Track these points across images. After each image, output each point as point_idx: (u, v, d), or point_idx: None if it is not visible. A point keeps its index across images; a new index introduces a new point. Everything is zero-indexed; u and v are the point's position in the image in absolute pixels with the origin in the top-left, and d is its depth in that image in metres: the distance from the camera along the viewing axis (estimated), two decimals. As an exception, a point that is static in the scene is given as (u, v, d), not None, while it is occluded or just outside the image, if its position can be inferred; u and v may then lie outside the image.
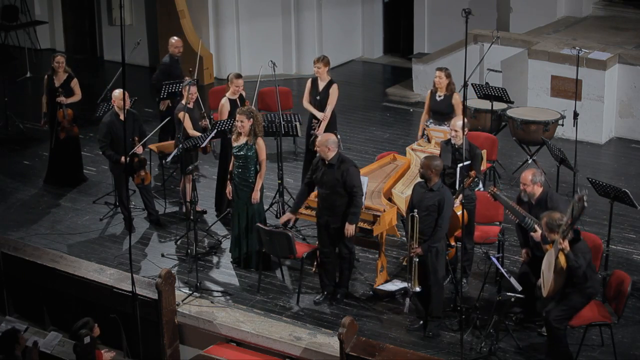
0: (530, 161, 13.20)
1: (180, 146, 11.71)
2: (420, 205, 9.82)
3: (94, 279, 10.78)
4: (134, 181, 12.19)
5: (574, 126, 12.64)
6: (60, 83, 13.27)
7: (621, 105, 14.77)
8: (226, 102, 12.30)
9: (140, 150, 11.99)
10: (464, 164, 10.30)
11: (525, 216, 9.57)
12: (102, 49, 19.34)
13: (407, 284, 10.12)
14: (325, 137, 10.39)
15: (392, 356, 9.14)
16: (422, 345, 9.78)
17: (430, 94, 12.44)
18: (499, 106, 13.57)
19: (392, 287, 10.64)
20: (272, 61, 12.31)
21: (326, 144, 10.28)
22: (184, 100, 12.05)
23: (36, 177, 13.87)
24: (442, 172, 9.97)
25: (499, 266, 9.53)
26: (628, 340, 9.83)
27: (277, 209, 12.19)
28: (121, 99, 11.79)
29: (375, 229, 10.50)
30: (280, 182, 12.18)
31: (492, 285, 10.22)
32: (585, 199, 8.70)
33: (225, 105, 12.27)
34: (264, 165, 11.07)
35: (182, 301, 10.55)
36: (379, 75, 18.37)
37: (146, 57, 18.02)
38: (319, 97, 12.53)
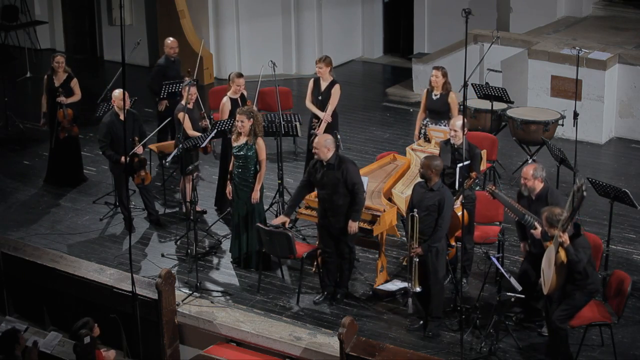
0: (530, 161, 13.20)
1: (180, 146, 11.71)
2: (421, 205, 9.82)
3: (94, 279, 10.78)
4: (134, 181, 12.19)
5: (574, 126, 12.65)
6: (60, 83, 13.26)
7: (621, 105, 14.77)
8: (227, 101, 12.30)
9: (140, 150, 11.99)
10: (463, 164, 10.29)
11: (525, 214, 9.57)
12: (102, 49, 19.34)
13: (407, 284, 10.13)
14: (322, 138, 10.36)
15: (392, 356, 9.14)
16: (422, 345, 9.78)
17: (426, 93, 12.44)
18: (499, 106, 13.57)
19: (392, 287, 10.64)
20: (272, 61, 12.31)
21: (325, 145, 10.26)
22: (183, 101, 12.04)
23: (36, 177, 13.87)
24: (442, 172, 9.97)
25: (499, 266, 9.53)
26: (628, 340, 9.83)
27: (277, 209, 12.18)
28: (121, 99, 11.79)
29: (375, 229, 10.50)
30: (280, 182, 12.17)
31: (492, 285, 10.21)
32: (584, 188, 8.70)
33: (227, 105, 12.27)
34: (263, 165, 11.07)
35: (182, 301, 10.55)
36: (379, 75, 18.37)
37: (146, 57, 18.02)
38: (321, 97, 12.53)
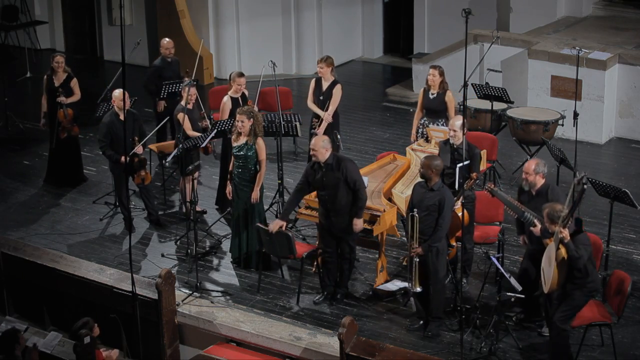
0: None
1: (180, 146, 11.71)
2: (421, 205, 9.81)
3: (94, 279, 10.78)
4: (134, 181, 12.19)
5: (574, 126, 12.64)
6: (59, 83, 13.26)
7: (621, 105, 14.77)
8: (228, 101, 12.30)
9: (140, 150, 11.99)
10: (463, 163, 10.29)
11: (524, 211, 9.56)
12: (102, 49, 19.34)
13: (407, 284, 10.13)
14: (319, 139, 10.30)
15: (392, 356, 9.14)
16: (422, 345, 9.78)
17: (423, 92, 12.44)
18: (499, 106, 13.56)
19: (393, 287, 10.65)
20: (272, 61, 12.31)
21: (323, 146, 10.23)
22: (183, 101, 12.03)
23: (36, 177, 13.87)
24: (442, 172, 9.97)
25: (499, 266, 9.52)
26: (628, 340, 9.82)
27: (277, 209, 12.18)
28: (121, 99, 11.79)
29: (375, 229, 10.50)
30: (280, 182, 12.18)
31: (492, 285, 10.22)
32: (585, 181, 8.69)
33: (227, 104, 12.27)
34: (263, 166, 11.06)
35: (182, 301, 10.55)
36: (379, 75, 18.37)
37: (146, 57, 18.01)
38: (322, 97, 12.53)
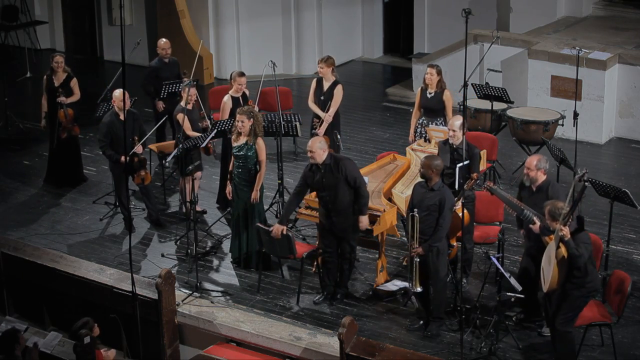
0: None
1: (180, 146, 11.70)
2: (421, 205, 9.81)
3: (94, 279, 10.78)
4: (134, 181, 12.19)
5: (574, 126, 12.65)
6: (59, 83, 13.26)
7: (621, 105, 14.77)
8: (228, 100, 12.30)
9: (140, 150, 11.99)
10: (463, 163, 10.29)
11: (524, 209, 9.56)
12: (102, 49, 19.34)
13: (407, 284, 10.12)
14: (316, 141, 10.27)
15: (392, 356, 9.14)
16: (422, 345, 9.78)
17: (420, 91, 12.44)
18: (499, 106, 13.56)
19: (393, 287, 10.65)
20: (272, 61, 12.31)
21: (321, 147, 10.21)
22: (183, 102, 12.03)
23: (36, 177, 13.87)
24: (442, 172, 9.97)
25: (499, 266, 9.52)
26: (628, 340, 9.82)
27: (277, 209, 12.19)
28: (121, 100, 11.79)
29: (375, 229, 10.49)
30: (280, 182, 12.18)
31: (492, 285, 10.21)
32: (586, 178, 8.69)
33: (228, 103, 12.27)
34: (263, 166, 11.06)
35: (182, 301, 10.55)
36: (379, 75, 18.37)
37: (146, 57, 17.99)
38: (323, 97, 12.54)
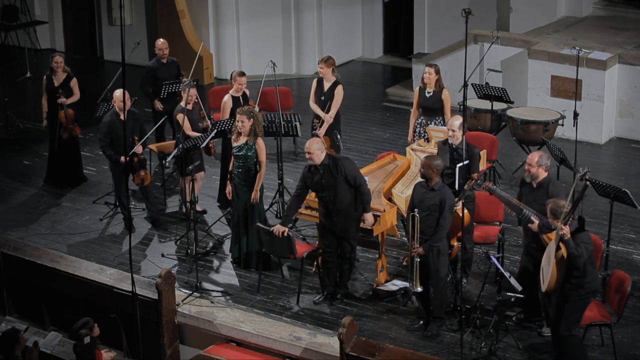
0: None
1: (180, 146, 11.70)
2: (422, 205, 9.81)
3: (94, 279, 10.78)
4: (133, 181, 12.19)
5: (574, 126, 12.64)
6: (59, 83, 13.25)
7: (621, 105, 14.77)
8: (229, 100, 12.29)
9: (140, 150, 11.99)
10: (463, 163, 10.29)
11: (523, 208, 9.56)
12: (102, 49, 19.34)
13: (408, 284, 10.12)
14: (313, 142, 10.25)
15: (392, 356, 9.14)
16: (422, 345, 9.78)
17: (419, 91, 12.44)
18: (499, 106, 13.56)
19: (393, 287, 10.65)
20: (272, 61, 12.31)
21: (318, 148, 10.19)
22: (182, 102, 12.02)
23: (36, 177, 13.87)
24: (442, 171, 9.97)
25: (499, 266, 9.52)
26: (628, 340, 9.82)
27: (277, 209, 12.19)
28: (122, 100, 11.78)
29: (375, 229, 10.49)
30: (280, 182, 12.18)
31: (492, 285, 10.21)
32: (587, 177, 8.69)
33: (228, 103, 12.27)
34: (263, 166, 11.05)
35: (182, 301, 10.55)
36: (379, 75, 18.37)
37: (146, 57, 17.97)
38: (323, 98, 12.53)
